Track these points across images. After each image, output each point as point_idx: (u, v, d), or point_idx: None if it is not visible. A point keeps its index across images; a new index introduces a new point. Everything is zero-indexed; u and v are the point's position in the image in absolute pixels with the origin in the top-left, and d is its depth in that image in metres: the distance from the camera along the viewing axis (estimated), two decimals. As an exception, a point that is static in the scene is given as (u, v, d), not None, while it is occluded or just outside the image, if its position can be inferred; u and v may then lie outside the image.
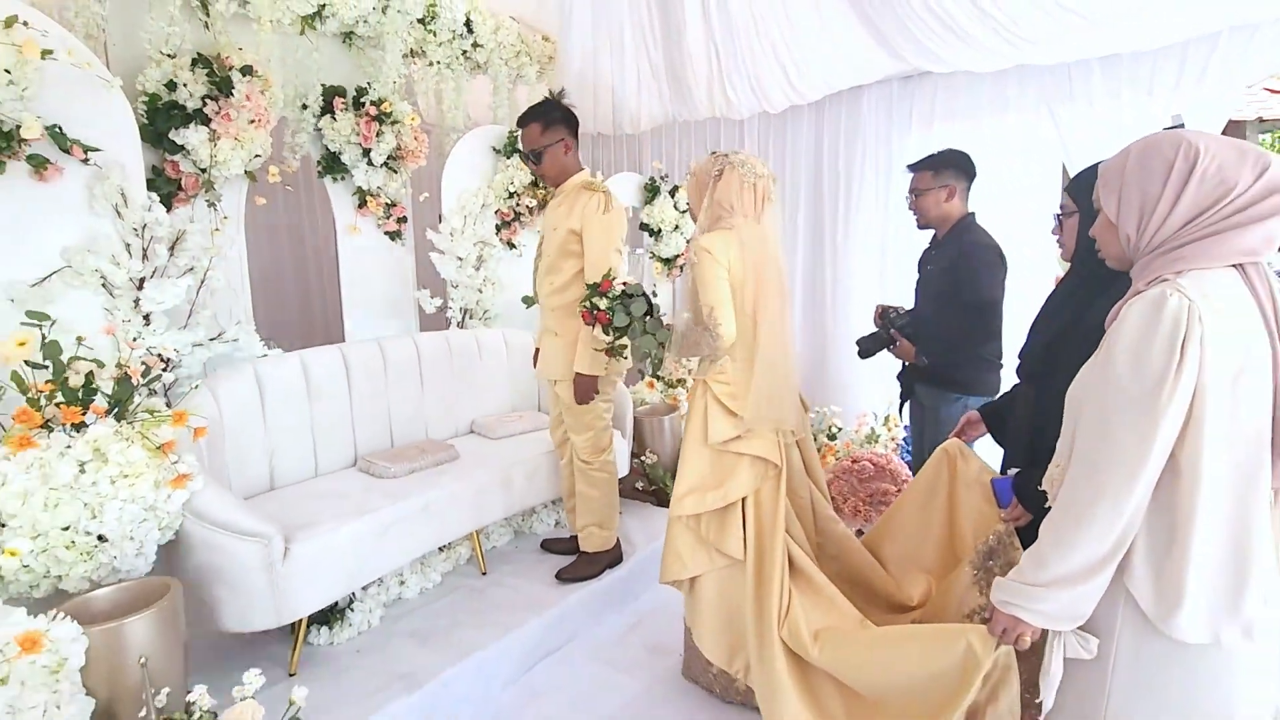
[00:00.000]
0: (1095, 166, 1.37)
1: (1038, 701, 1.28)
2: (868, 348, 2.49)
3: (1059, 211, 1.79)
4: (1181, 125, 2.92)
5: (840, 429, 3.83)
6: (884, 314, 2.52)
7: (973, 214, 2.46)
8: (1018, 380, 1.86)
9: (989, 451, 2.00)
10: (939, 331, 2.40)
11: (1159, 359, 1.02)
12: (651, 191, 4.19)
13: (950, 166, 2.40)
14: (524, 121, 2.46)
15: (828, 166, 4.23)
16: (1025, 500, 1.60)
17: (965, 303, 2.29)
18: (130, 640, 1.43)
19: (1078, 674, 1.21)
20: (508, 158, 3.47)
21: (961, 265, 2.32)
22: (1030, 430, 1.65)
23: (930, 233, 2.60)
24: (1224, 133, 3.46)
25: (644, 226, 4.24)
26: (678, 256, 4.26)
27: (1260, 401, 1.06)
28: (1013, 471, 1.73)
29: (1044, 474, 1.29)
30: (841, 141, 4.17)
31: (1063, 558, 1.12)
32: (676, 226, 4.20)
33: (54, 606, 1.41)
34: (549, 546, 2.86)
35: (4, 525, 1.44)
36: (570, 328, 2.40)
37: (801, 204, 4.34)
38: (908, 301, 2.65)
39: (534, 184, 3.50)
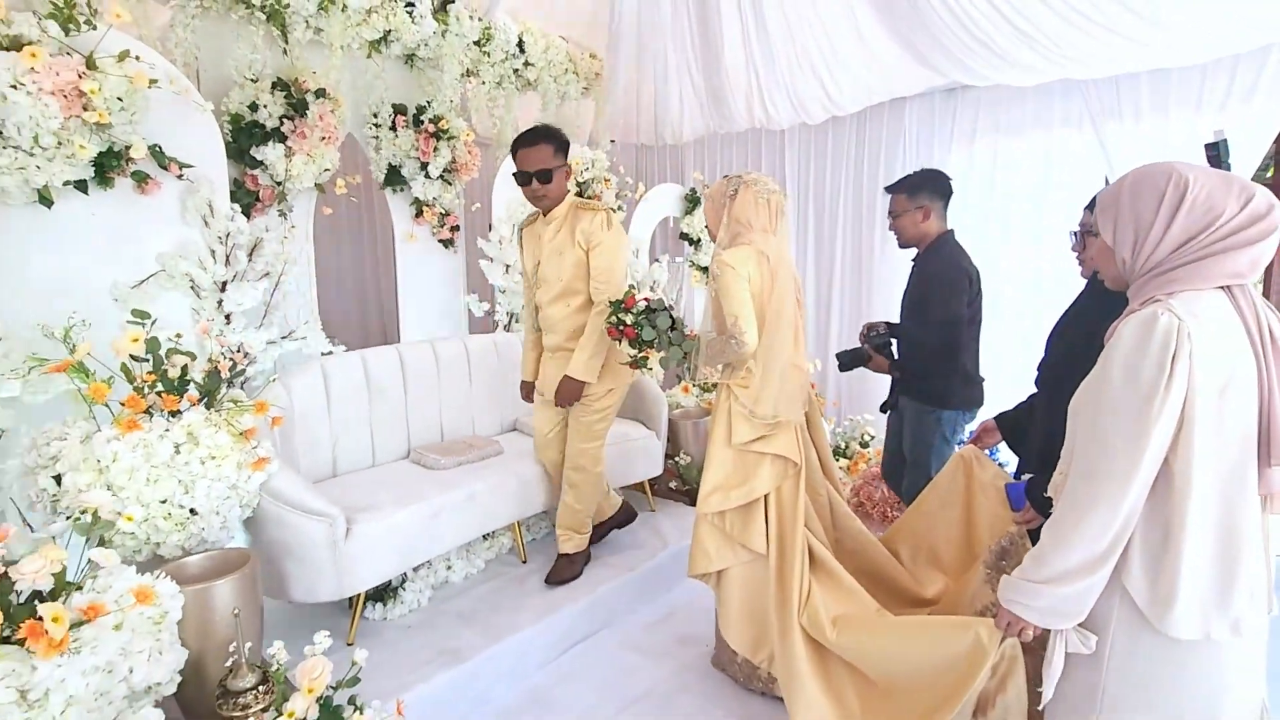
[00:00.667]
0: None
1: (1039, 691, 1.36)
2: (844, 362, 2.56)
3: (1077, 229, 1.86)
4: (1224, 140, 2.91)
5: (873, 437, 3.88)
6: (867, 331, 2.62)
7: (950, 231, 2.52)
8: (1035, 390, 1.93)
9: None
10: (912, 346, 2.50)
11: (1150, 373, 1.11)
12: (692, 202, 4.31)
13: (925, 188, 2.47)
14: (533, 140, 2.38)
15: (869, 178, 4.28)
16: (1037, 504, 1.67)
17: (931, 319, 2.38)
18: (217, 600, 1.63)
19: (1074, 668, 1.29)
20: (554, 170, 3.65)
21: (929, 283, 2.41)
22: (1044, 438, 1.72)
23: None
24: (1279, 148, 3.41)
25: (684, 236, 4.37)
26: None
27: (1245, 414, 1.13)
28: (1026, 477, 1.80)
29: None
30: (882, 153, 4.22)
31: (1061, 557, 1.21)
32: (716, 236, 4.32)
33: (152, 570, 1.62)
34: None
35: (113, 496, 1.65)
36: None
37: (841, 215, 4.40)
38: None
39: (579, 195, 3.66)
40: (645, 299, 2.16)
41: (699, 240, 4.34)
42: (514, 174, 2.45)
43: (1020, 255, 3.84)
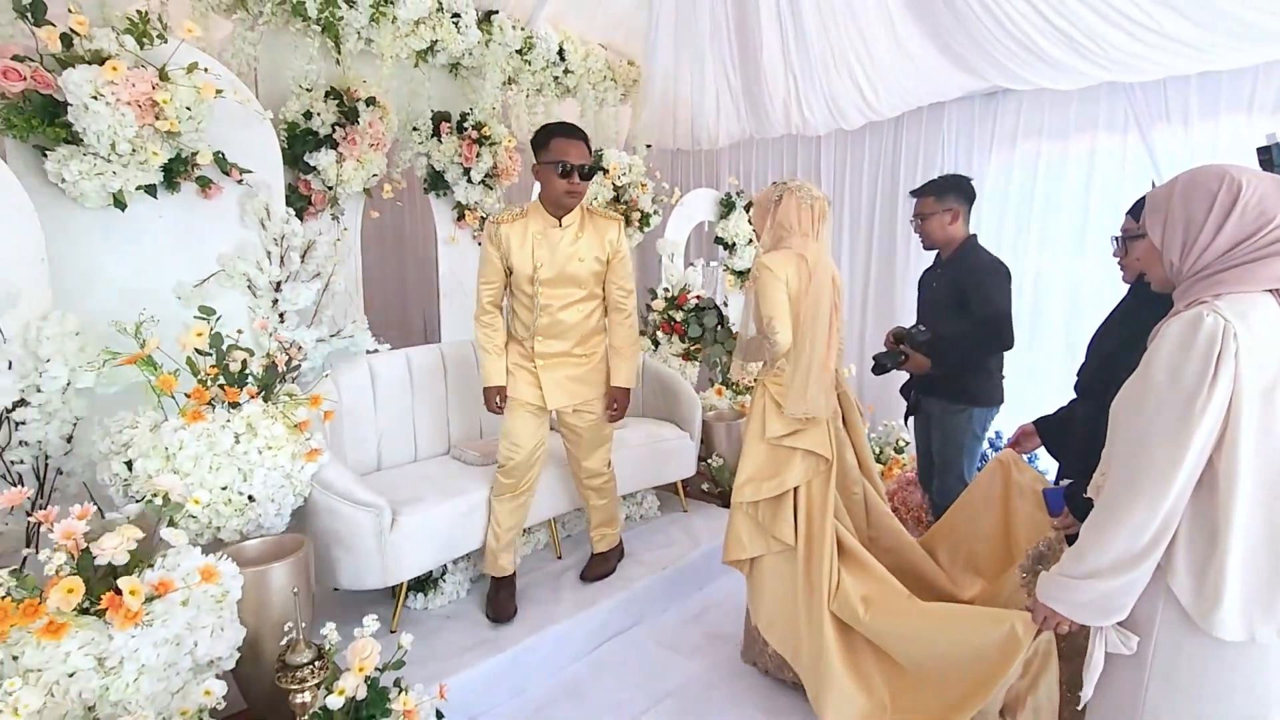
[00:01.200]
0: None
1: (1077, 694, 1.36)
2: (881, 364, 2.56)
3: (1119, 234, 1.85)
4: (1277, 144, 2.84)
5: (908, 443, 3.86)
6: (899, 336, 2.61)
7: (975, 235, 2.55)
8: (1075, 395, 1.92)
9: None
10: (950, 346, 2.48)
11: (1194, 373, 1.11)
12: (727, 206, 4.34)
13: (952, 191, 2.50)
14: (581, 136, 2.33)
15: (905, 183, 4.26)
16: (1076, 509, 1.67)
17: (977, 317, 2.38)
18: (273, 582, 1.72)
19: (1116, 670, 1.29)
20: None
21: (970, 282, 2.42)
22: (1086, 443, 1.72)
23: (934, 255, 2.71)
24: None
25: (719, 240, 4.40)
26: (750, 269, 4.41)
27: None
28: (1065, 482, 1.80)
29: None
30: (920, 158, 4.20)
31: (1100, 553, 1.21)
32: (750, 240, 4.34)
33: (213, 553, 1.71)
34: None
35: (181, 481, 1.75)
36: (599, 347, 2.50)
37: (876, 220, 4.39)
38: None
39: (615, 200, 3.73)
40: (696, 297, 2.21)
41: (733, 245, 4.36)
42: (558, 163, 2.26)
43: (1062, 260, 3.79)
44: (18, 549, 1.78)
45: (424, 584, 2.45)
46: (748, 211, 4.31)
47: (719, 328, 2.15)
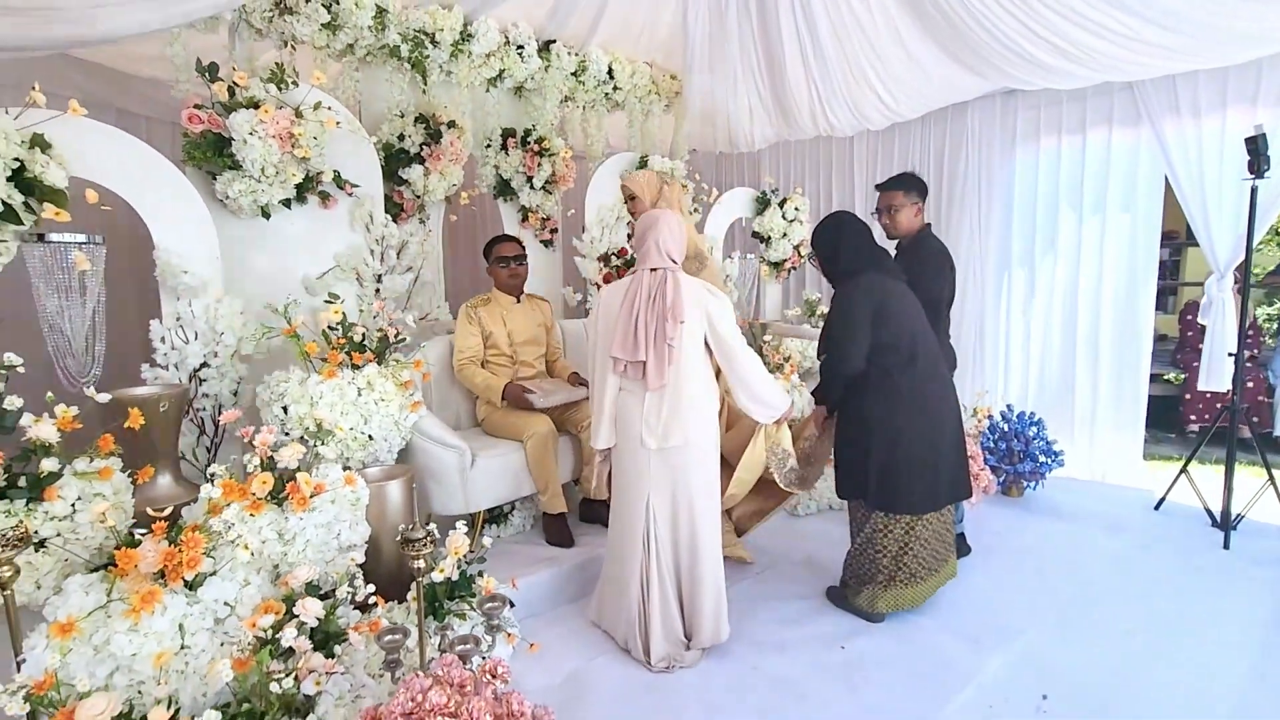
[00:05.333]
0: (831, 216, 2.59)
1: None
2: None
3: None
4: (1263, 135, 3.07)
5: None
6: None
7: (929, 224, 2.90)
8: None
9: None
10: None
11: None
12: (762, 203, 4.74)
13: (916, 187, 2.85)
14: (514, 238, 3.21)
15: (933, 179, 4.55)
16: None
17: (921, 300, 2.64)
18: (389, 496, 2.27)
19: None
20: (638, 179, 4.22)
21: (918, 268, 2.70)
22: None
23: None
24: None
25: (755, 234, 4.81)
26: (784, 261, 4.79)
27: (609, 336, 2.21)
28: None
29: None
30: (946, 155, 4.50)
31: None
32: (785, 235, 4.73)
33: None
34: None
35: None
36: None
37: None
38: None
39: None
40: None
41: (769, 238, 4.76)
42: (501, 259, 3.12)
43: (1081, 247, 4.05)
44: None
45: (496, 517, 2.99)
46: (782, 208, 4.70)
47: None
